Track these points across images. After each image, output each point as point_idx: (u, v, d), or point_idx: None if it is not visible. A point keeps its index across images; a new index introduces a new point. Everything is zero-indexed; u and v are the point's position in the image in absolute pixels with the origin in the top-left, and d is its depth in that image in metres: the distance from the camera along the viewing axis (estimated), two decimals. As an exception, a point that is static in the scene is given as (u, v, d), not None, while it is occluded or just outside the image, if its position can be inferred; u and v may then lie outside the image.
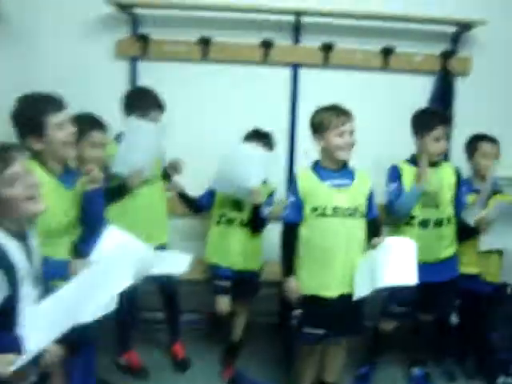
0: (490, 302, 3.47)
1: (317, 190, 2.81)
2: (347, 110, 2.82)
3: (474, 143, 3.50)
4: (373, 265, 2.70)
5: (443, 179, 3.21)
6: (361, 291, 2.71)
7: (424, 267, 2.85)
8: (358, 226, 2.84)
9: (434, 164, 3.19)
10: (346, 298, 2.78)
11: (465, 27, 3.80)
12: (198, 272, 3.48)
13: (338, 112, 2.80)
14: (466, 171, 3.50)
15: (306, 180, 2.85)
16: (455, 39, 3.90)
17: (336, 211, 2.78)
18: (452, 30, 3.87)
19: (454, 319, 3.53)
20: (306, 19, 3.79)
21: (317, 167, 2.88)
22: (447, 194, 3.20)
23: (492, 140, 3.46)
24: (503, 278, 3.52)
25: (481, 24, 3.72)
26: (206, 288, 3.47)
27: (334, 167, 2.85)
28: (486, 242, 3.36)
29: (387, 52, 3.84)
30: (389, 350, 3.54)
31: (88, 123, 2.79)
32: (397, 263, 2.63)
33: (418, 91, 3.91)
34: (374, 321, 3.38)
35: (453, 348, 3.63)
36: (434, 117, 3.22)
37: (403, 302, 3.24)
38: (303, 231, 2.86)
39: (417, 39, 3.90)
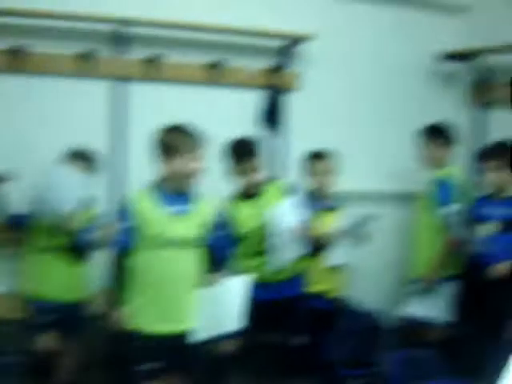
0: (332, 317, 3.49)
1: (153, 216, 2.57)
2: (201, 133, 2.64)
3: (308, 160, 3.48)
4: (212, 307, 2.64)
5: (269, 207, 3.08)
6: (199, 334, 2.61)
7: (266, 286, 2.92)
8: (194, 257, 2.65)
9: (251, 196, 3.09)
10: (180, 333, 2.60)
11: (295, 41, 3.78)
12: (14, 309, 3.13)
13: (192, 134, 2.61)
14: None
15: (142, 204, 2.59)
16: (285, 53, 3.86)
17: (171, 240, 2.56)
18: (282, 43, 3.83)
19: (300, 338, 3.48)
20: (132, 30, 3.54)
21: (156, 191, 2.62)
22: None
23: (325, 156, 3.46)
24: (346, 292, 3.62)
25: (310, 38, 3.72)
26: (26, 326, 3.14)
27: (177, 192, 2.62)
28: (332, 257, 3.38)
29: (216, 66, 3.70)
30: (234, 374, 3.38)
31: None
32: (232, 308, 2.65)
33: (248, 106, 3.82)
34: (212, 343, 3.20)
35: (299, 367, 3.55)
36: (242, 149, 3.09)
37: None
38: (136, 259, 2.60)
39: (246, 53, 3.82)
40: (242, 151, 3.05)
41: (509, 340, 3.13)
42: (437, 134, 3.61)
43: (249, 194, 3.09)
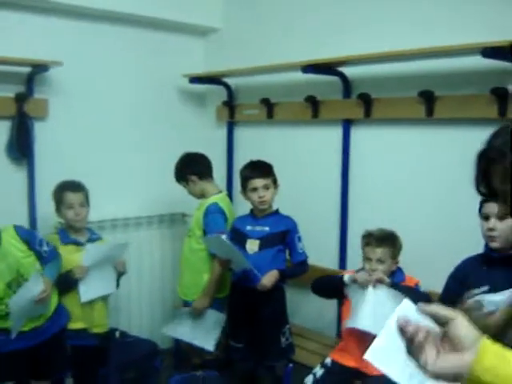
0: (103, 352, 3.37)
1: None
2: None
3: (59, 194, 3.32)
4: None
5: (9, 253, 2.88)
6: None
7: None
8: None
9: None
10: None
11: (40, 68, 3.56)
12: None
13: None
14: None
15: None
16: (30, 81, 3.64)
17: None
18: (27, 70, 3.59)
19: (69, 380, 3.30)
20: None
21: None
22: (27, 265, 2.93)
23: (75, 188, 3.33)
24: (116, 323, 3.54)
25: (56, 65, 3.54)
26: None
27: None
28: (86, 292, 3.25)
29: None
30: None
31: None
32: None
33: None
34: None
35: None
36: None
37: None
38: None
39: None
40: None
41: (287, 346, 3.31)
42: (189, 169, 3.61)
43: None
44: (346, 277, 2.94)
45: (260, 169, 3.32)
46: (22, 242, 2.91)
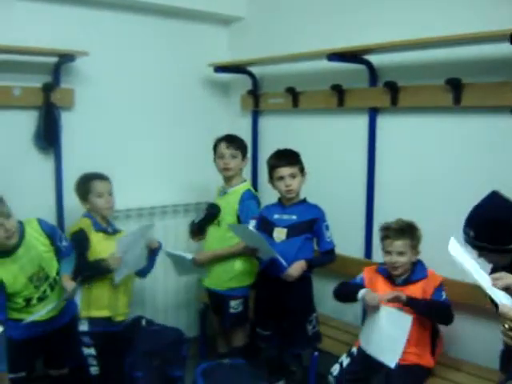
0: (127, 340, 3.42)
1: None
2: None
3: (86, 184, 3.35)
4: None
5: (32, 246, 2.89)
6: None
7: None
8: None
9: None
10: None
11: (67, 58, 3.58)
12: None
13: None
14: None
15: None
16: (57, 71, 3.66)
17: None
18: (53, 61, 3.62)
19: (94, 368, 3.33)
20: None
21: None
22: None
23: (102, 177, 3.37)
24: (135, 312, 3.56)
25: (82, 55, 3.56)
26: None
27: None
28: (120, 274, 3.27)
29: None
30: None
31: None
32: None
33: (22, 127, 3.60)
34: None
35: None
36: None
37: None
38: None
39: (16, 71, 3.55)
40: None
41: (314, 334, 3.32)
42: (233, 145, 3.63)
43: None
44: (359, 295, 2.96)
45: (286, 157, 3.31)
46: (45, 237, 2.93)
